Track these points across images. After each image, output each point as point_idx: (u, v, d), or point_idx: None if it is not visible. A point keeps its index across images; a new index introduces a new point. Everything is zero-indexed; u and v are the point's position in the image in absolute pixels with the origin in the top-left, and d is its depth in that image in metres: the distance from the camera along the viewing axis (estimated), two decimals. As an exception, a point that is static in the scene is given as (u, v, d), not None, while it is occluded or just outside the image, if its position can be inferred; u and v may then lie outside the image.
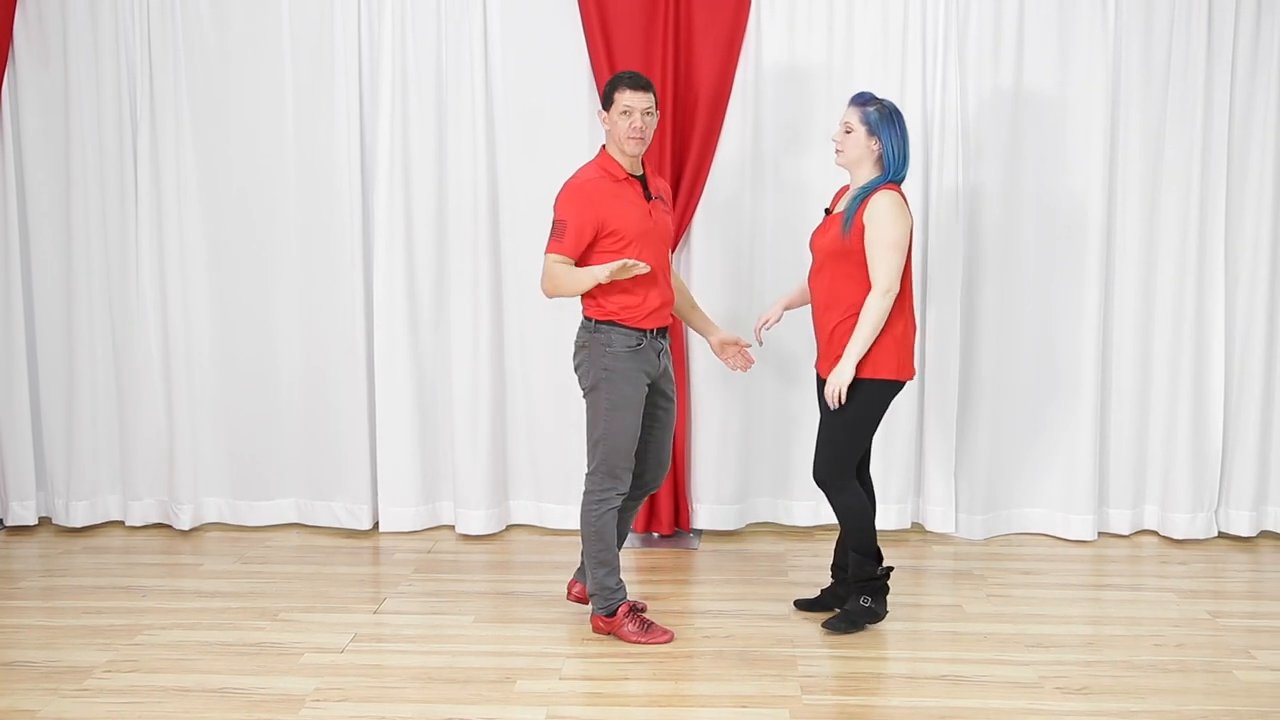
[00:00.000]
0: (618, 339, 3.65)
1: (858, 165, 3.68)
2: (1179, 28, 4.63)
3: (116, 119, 4.81)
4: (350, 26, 4.73)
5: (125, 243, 4.88)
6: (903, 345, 3.68)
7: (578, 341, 3.74)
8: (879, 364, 3.64)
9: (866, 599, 3.80)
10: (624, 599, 3.75)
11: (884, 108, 3.66)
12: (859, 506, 3.77)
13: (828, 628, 3.80)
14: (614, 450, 3.67)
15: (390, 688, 3.38)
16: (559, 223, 3.62)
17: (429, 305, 4.89)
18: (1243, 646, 3.70)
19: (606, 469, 3.69)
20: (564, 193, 3.68)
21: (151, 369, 4.91)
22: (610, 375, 3.65)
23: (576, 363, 3.74)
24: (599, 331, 3.66)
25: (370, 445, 4.94)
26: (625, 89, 3.65)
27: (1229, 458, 4.86)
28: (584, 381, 3.72)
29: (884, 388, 3.68)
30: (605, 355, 3.65)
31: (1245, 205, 4.74)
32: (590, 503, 3.72)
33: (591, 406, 3.71)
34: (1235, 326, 4.80)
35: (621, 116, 3.64)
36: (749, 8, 4.65)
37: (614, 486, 3.70)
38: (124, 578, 4.40)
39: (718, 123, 4.68)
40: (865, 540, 3.78)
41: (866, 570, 3.80)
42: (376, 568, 4.54)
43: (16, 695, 3.33)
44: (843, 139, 3.69)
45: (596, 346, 3.66)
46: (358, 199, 4.81)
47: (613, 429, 3.66)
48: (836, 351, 3.67)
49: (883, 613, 3.83)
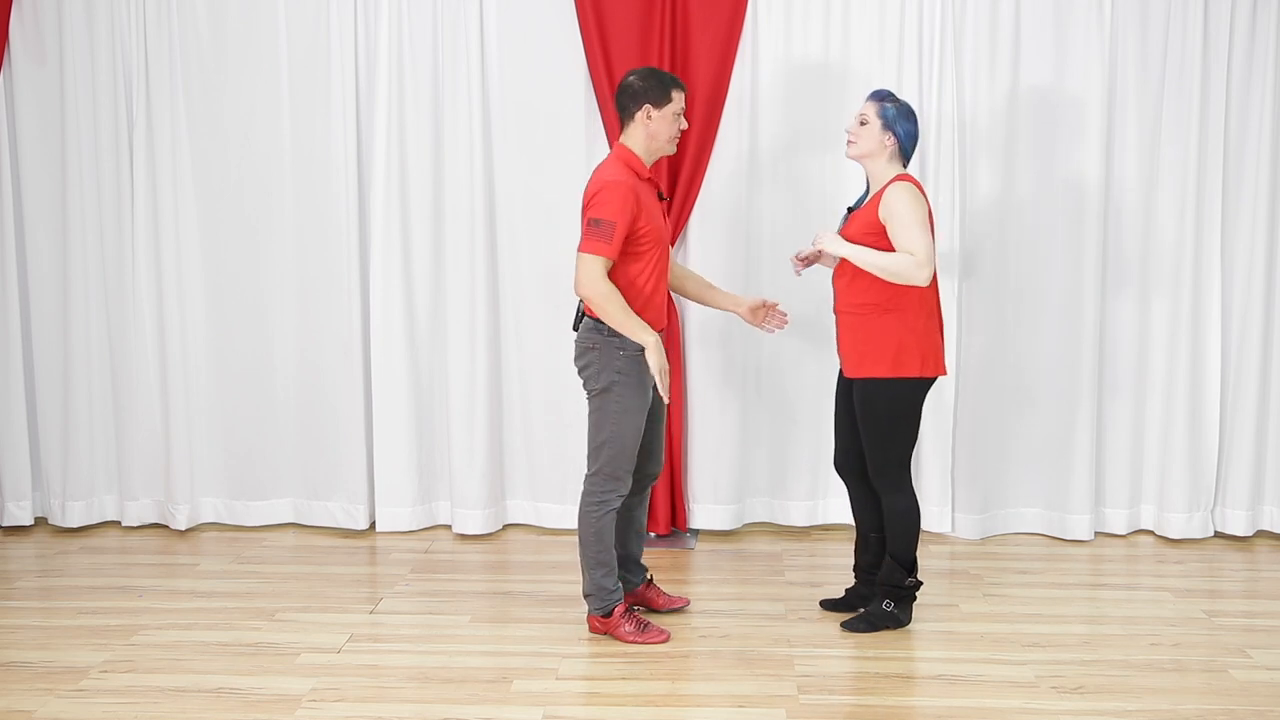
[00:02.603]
0: (630, 343, 3.59)
1: (870, 158, 3.66)
2: (1175, 26, 4.63)
3: (112, 118, 4.81)
4: (346, 27, 4.73)
5: (121, 242, 4.88)
6: (927, 342, 3.64)
7: (583, 343, 3.65)
8: (903, 363, 3.61)
9: (890, 604, 3.79)
10: (620, 599, 3.74)
11: (901, 106, 3.66)
12: (907, 511, 3.73)
13: (846, 627, 3.79)
14: (620, 453, 3.64)
15: (387, 688, 3.37)
16: (608, 223, 3.48)
17: (425, 304, 4.89)
18: (1239, 646, 3.70)
19: (610, 471, 3.66)
20: (610, 193, 3.50)
21: (147, 368, 4.90)
22: (623, 379, 3.60)
23: (583, 364, 3.65)
24: (612, 335, 3.59)
25: (367, 445, 4.94)
26: (680, 90, 3.62)
27: (1225, 457, 4.87)
28: (592, 383, 3.64)
29: (911, 386, 3.65)
30: (618, 359, 3.59)
31: (1241, 205, 4.75)
32: (590, 504, 3.69)
33: (599, 409, 3.64)
34: (1231, 326, 4.81)
35: (675, 117, 3.61)
36: (746, 7, 4.65)
37: (615, 489, 3.68)
38: (120, 578, 4.40)
39: (715, 122, 4.68)
40: (906, 547, 3.75)
41: (897, 577, 3.77)
42: (373, 568, 4.54)
43: (12, 696, 3.32)
44: (857, 131, 3.66)
45: (608, 349, 3.60)
46: (354, 199, 4.80)
47: (620, 432, 3.63)
48: (859, 353, 3.65)
49: (906, 620, 3.81)
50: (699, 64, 4.64)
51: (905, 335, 3.61)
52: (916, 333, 3.63)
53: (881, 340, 3.62)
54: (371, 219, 4.82)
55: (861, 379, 3.68)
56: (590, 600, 3.75)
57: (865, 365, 3.66)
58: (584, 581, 3.77)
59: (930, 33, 4.65)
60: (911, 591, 3.81)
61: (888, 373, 3.62)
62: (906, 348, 3.61)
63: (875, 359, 3.63)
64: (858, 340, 3.67)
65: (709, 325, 4.74)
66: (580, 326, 3.69)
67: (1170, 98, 4.68)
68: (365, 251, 4.86)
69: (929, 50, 4.67)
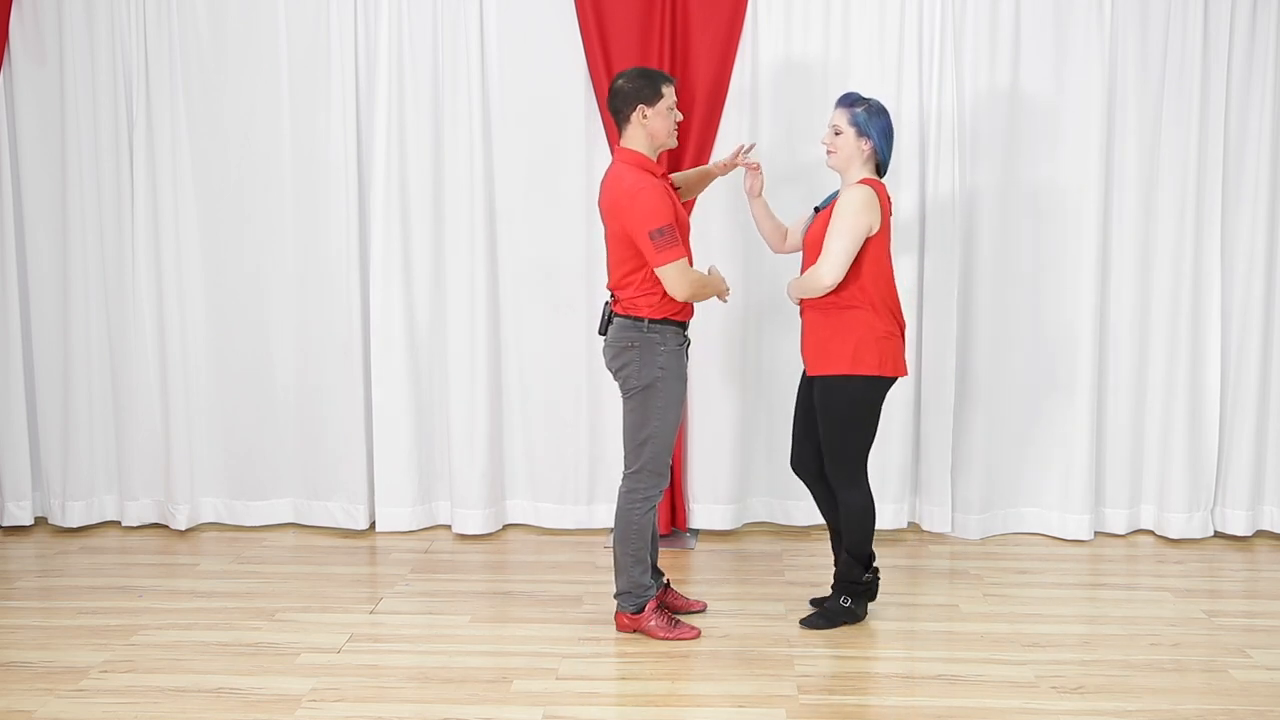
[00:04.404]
0: (671, 337, 3.61)
1: (849, 166, 3.68)
2: (1175, 26, 4.63)
3: (112, 118, 4.80)
4: (346, 27, 4.73)
5: (121, 242, 4.88)
6: (886, 344, 3.66)
7: (619, 343, 3.62)
8: (861, 360, 3.63)
9: (847, 599, 3.83)
10: (654, 595, 3.77)
11: (870, 107, 3.66)
12: (861, 508, 3.76)
13: (805, 624, 3.82)
14: (662, 448, 3.65)
15: (387, 688, 3.37)
16: (666, 227, 3.46)
17: (425, 304, 4.89)
18: (1239, 645, 3.70)
19: (654, 467, 3.66)
20: (643, 199, 3.49)
21: (147, 368, 4.90)
22: (667, 374, 3.61)
23: (621, 363, 3.63)
24: (653, 331, 3.59)
25: (367, 445, 4.94)
26: (670, 84, 3.63)
27: (1225, 457, 4.87)
28: (633, 381, 3.62)
29: (869, 384, 3.67)
30: (660, 354, 3.60)
31: (1241, 204, 4.74)
32: (635, 501, 3.68)
33: (641, 406, 3.62)
34: (1231, 325, 4.81)
35: (669, 111, 3.61)
36: (746, 6, 4.65)
37: (658, 484, 3.69)
38: (120, 578, 4.40)
39: (715, 121, 4.68)
40: (860, 543, 3.79)
41: (854, 574, 3.81)
42: (373, 567, 4.54)
43: (13, 696, 3.32)
44: (833, 140, 3.68)
45: (649, 346, 3.59)
46: (354, 198, 4.80)
47: (664, 427, 3.63)
48: (820, 350, 3.68)
49: (861, 614, 3.86)
50: (699, 63, 4.64)
51: (865, 334, 3.63)
52: (876, 332, 3.64)
53: (841, 338, 3.65)
54: (371, 218, 4.82)
55: (821, 376, 3.70)
56: (624, 599, 3.75)
57: (824, 363, 3.69)
58: (619, 580, 3.76)
59: (930, 33, 4.65)
60: (869, 587, 3.84)
61: (845, 370, 3.64)
62: (866, 345, 3.63)
63: (834, 356, 3.66)
64: (820, 338, 3.70)
65: (709, 325, 4.73)
66: (611, 328, 3.67)
67: (1170, 98, 4.68)
68: (365, 251, 4.86)
69: (928, 50, 4.67)
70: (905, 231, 4.71)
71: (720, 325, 4.78)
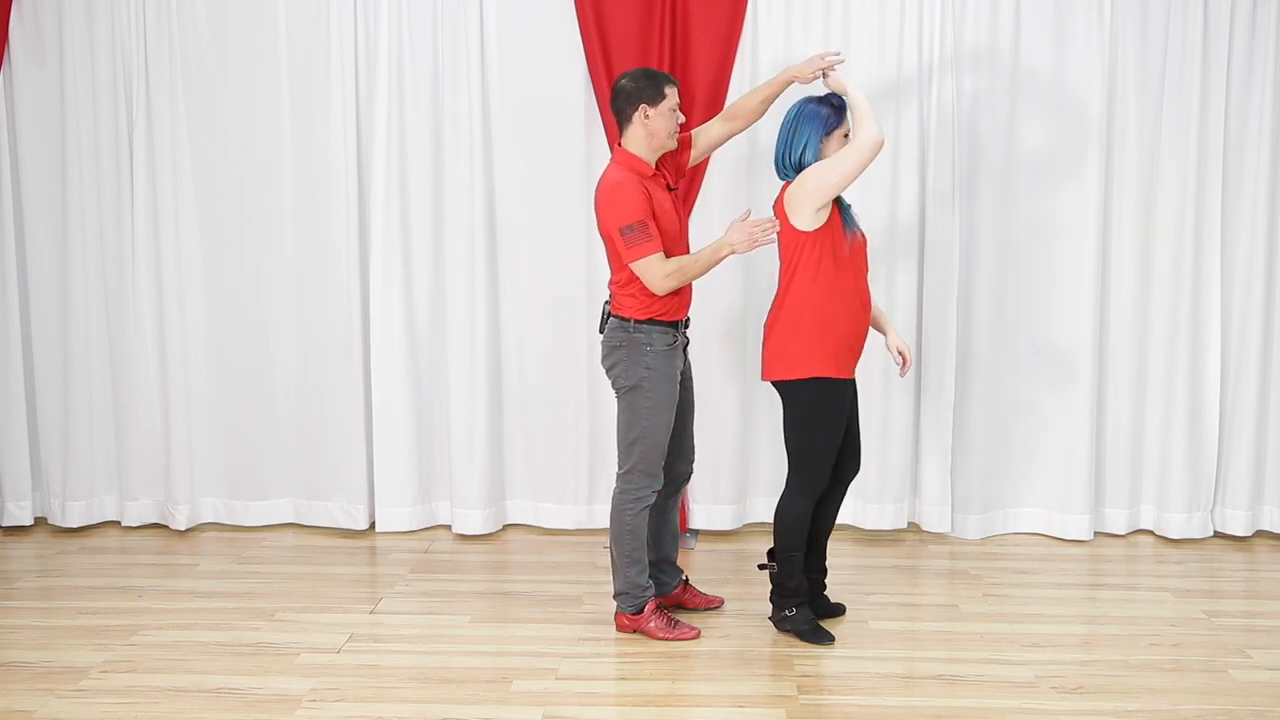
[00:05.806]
0: (658, 337, 3.62)
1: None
2: (1175, 26, 4.63)
3: (112, 118, 4.80)
4: (346, 27, 4.73)
5: (121, 242, 4.88)
6: (842, 345, 3.60)
7: (610, 342, 3.66)
8: (810, 363, 3.57)
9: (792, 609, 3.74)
10: (652, 595, 3.76)
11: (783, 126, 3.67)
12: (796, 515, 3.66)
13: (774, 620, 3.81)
14: (653, 448, 3.65)
15: (387, 688, 3.37)
16: (639, 224, 3.48)
17: (425, 304, 4.89)
18: (1238, 646, 3.70)
19: (645, 468, 3.67)
20: (618, 196, 3.51)
21: (147, 368, 4.90)
22: (653, 374, 3.62)
23: (611, 363, 3.66)
24: (638, 331, 3.61)
25: (366, 445, 4.94)
26: (673, 85, 3.62)
27: (1225, 457, 4.87)
28: (621, 381, 3.65)
29: (818, 386, 3.58)
30: (646, 354, 3.61)
31: (1241, 203, 4.75)
32: (626, 501, 3.69)
33: (629, 406, 3.65)
34: (1231, 325, 4.81)
35: (671, 113, 3.61)
36: (746, 7, 4.65)
37: (650, 485, 3.69)
38: (120, 578, 4.40)
39: (714, 122, 4.68)
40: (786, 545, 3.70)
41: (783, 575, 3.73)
42: (373, 568, 4.54)
43: (12, 696, 3.32)
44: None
45: (635, 346, 3.61)
46: (354, 198, 4.80)
47: (652, 427, 3.64)
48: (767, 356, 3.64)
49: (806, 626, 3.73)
50: (699, 64, 4.64)
51: (823, 334, 3.56)
52: (834, 334, 3.57)
53: (782, 344, 3.61)
54: (371, 218, 4.82)
55: (771, 382, 3.68)
56: (622, 599, 3.76)
57: (770, 368, 3.67)
58: (616, 581, 3.77)
59: (930, 33, 4.65)
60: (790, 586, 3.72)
61: (784, 375, 3.61)
62: (822, 345, 3.56)
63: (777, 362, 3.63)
64: (768, 345, 3.67)
65: (709, 325, 4.73)
66: (606, 327, 3.69)
67: (1170, 97, 4.68)
68: (365, 251, 4.86)
69: (929, 50, 4.67)
70: (905, 232, 4.71)
71: (720, 325, 4.78)
